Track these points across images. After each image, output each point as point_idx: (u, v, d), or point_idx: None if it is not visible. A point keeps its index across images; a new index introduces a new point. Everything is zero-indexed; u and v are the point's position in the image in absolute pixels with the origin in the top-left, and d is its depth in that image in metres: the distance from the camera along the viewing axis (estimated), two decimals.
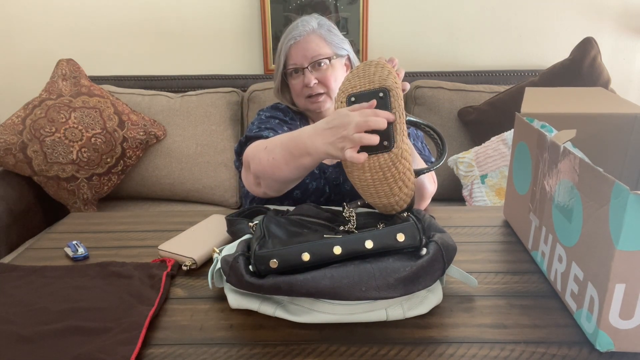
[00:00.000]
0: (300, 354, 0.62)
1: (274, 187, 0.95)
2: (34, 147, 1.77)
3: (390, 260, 0.66)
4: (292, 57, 1.13)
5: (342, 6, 2.01)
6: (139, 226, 1.00)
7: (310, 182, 1.10)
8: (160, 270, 0.79)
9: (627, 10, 2.02)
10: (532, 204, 0.83)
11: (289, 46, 1.13)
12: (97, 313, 0.68)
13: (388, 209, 0.81)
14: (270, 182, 0.94)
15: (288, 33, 1.14)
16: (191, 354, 0.62)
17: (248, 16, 2.06)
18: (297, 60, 1.13)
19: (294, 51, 1.12)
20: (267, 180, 0.94)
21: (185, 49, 2.12)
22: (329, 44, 1.13)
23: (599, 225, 0.59)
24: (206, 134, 1.93)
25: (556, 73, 1.78)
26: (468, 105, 1.90)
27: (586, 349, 0.62)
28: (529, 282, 0.77)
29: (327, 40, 1.13)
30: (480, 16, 2.04)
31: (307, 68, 1.12)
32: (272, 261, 0.66)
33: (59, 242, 0.93)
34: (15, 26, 2.09)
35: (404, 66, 2.09)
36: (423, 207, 1.06)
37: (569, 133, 0.78)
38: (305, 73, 1.12)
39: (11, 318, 0.67)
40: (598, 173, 0.60)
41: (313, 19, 1.15)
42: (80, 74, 1.91)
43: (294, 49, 1.12)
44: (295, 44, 1.12)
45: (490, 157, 1.69)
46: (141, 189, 1.96)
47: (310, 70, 1.12)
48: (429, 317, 0.68)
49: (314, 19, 1.15)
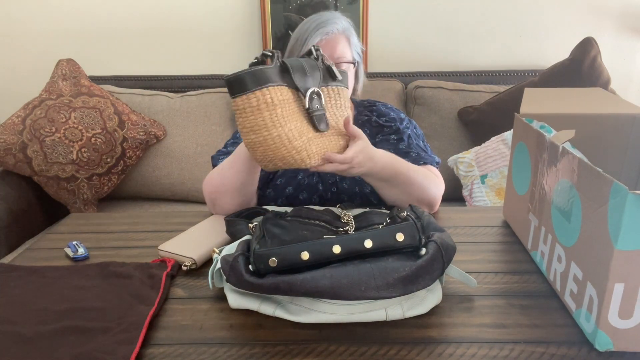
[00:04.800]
0: (300, 354, 0.62)
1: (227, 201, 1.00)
2: (34, 147, 1.77)
3: (389, 260, 0.67)
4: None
5: (342, 6, 2.01)
6: (139, 226, 1.00)
7: (303, 177, 1.10)
8: (160, 271, 0.79)
9: (627, 10, 2.02)
10: (532, 204, 0.83)
11: (319, 40, 1.09)
12: (97, 313, 0.68)
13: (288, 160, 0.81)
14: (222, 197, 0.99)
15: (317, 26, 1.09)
16: (191, 354, 0.62)
17: (248, 16, 2.06)
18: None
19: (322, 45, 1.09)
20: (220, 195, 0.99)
21: (185, 49, 2.12)
22: (351, 49, 1.12)
23: (598, 225, 0.60)
24: (206, 134, 1.93)
25: (556, 73, 1.78)
26: (468, 105, 1.90)
27: (585, 349, 0.62)
28: (529, 282, 0.77)
29: (350, 44, 1.12)
30: (480, 16, 2.04)
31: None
32: (272, 260, 0.66)
33: (59, 242, 0.93)
34: (15, 26, 2.09)
35: (404, 66, 2.10)
36: (433, 212, 1.05)
37: (568, 133, 0.78)
38: None
39: (11, 318, 0.68)
40: (597, 173, 0.60)
41: (343, 19, 1.13)
42: (80, 74, 1.91)
43: (322, 44, 1.09)
44: (326, 40, 1.09)
45: (490, 157, 1.69)
46: (141, 189, 1.96)
47: None
48: (429, 317, 0.68)
49: (343, 19, 1.13)
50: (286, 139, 0.77)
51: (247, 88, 0.74)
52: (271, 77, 0.76)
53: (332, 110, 0.89)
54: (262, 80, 0.75)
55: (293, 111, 0.80)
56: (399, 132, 1.13)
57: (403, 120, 1.17)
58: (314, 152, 0.81)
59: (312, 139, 0.81)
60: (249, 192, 1.01)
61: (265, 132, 0.76)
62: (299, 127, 0.79)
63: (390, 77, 2.04)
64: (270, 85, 0.75)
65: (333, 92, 0.89)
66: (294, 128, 0.78)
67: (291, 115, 0.79)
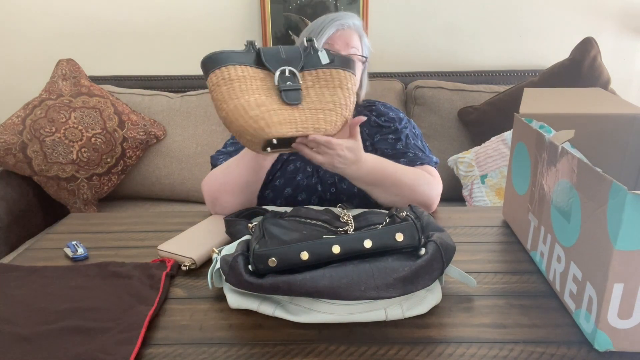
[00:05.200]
0: (300, 354, 0.62)
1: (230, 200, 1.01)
2: (34, 147, 1.77)
3: (389, 260, 0.67)
4: (332, 42, 1.12)
5: (342, 6, 2.01)
6: (139, 226, 1.00)
7: (302, 178, 1.10)
8: (160, 270, 0.79)
9: (627, 10, 2.02)
10: (531, 204, 0.83)
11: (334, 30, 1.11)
12: (96, 313, 0.69)
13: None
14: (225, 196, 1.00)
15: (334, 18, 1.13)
16: (191, 354, 0.62)
17: (248, 16, 2.06)
18: (338, 44, 1.12)
19: (336, 37, 1.12)
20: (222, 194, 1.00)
21: (185, 49, 2.12)
22: (362, 46, 1.15)
23: (598, 225, 0.60)
24: (206, 134, 1.93)
25: (556, 73, 1.78)
26: (468, 105, 1.90)
27: (585, 349, 0.62)
28: (528, 282, 0.77)
29: (362, 42, 1.15)
30: (480, 16, 2.04)
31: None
32: (271, 260, 0.66)
33: (58, 242, 0.93)
34: (15, 26, 2.09)
35: (404, 66, 2.10)
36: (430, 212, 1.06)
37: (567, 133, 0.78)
38: None
39: (11, 318, 0.68)
40: (596, 173, 0.60)
41: (356, 17, 1.16)
42: (80, 74, 1.91)
43: (338, 34, 1.11)
44: (342, 31, 1.11)
45: (490, 157, 1.69)
46: (141, 189, 1.96)
47: None
48: (428, 317, 0.68)
49: (356, 18, 1.16)
50: (242, 109, 0.80)
51: (209, 68, 0.83)
52: (233, 58, 0.83)
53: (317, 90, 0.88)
54: (221, 61, 0.83)
55: (257, 87, 0.83)
56: (397, 132, 1.13)
57: (402, 120, 1.17)
58: (274, 122, 0.80)
59: (275, 110, 0.82)
60: (251, 192, 1.01)
61: (225, 105, 0.81)
62: (260, 99, 0.82)
63: (390, 77, 2.04)
64: (229, 64, 0.83)
65: (324, 73, 0.89)
66: (252, 100, 0.81)
67: (253, 90, 0.82)
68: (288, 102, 0.83)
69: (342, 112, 0.87)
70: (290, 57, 0.87)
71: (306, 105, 0.85)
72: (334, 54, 0.90)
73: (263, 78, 0.84)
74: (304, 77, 0.87)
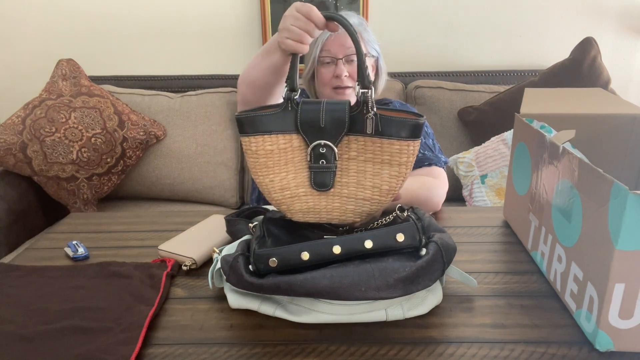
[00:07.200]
0: (300, 354, 0.62)
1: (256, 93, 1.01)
2: (34, 147, 1.77)
3: (389, 261, 0.66)
4: (328, 46, 1.14)
5: (342, 6, 2.01)
6: (139, 226, 1.00)
7: None
8: (160, 270, 0.79)
9: (627, 10, 2.02)
10: (532, 204, 0.83)
11: (327, 36, 1.14)
12: (97, 313, 0.68)
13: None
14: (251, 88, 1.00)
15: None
16: (191, 354, 0.62)
17: (248, 16, 2.06)
18: (333, 50, 1.14)
19: (331, 41, 1.14)
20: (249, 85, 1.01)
21: (185, 49, 2.12)
22: (364, 42, 1.15)
23: (598, 225, 0.60)
24: (206, 134, 1.93)
25: (556, 73, 1.78)
26: (468, 105, 1.91)
27: (586, 349, 0.62)
28: (529, 282, 0.77)
29: (363, 38, 1.15)
30: (480, 16, 2.04)
31: (341, 59, 1.13)
32: (272, 260, 0.66)
33: (59, 242, 0.93)
34: (15, 26, 2.09)
35: (404, 66, 2.10)
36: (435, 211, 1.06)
37: (568, 133, 0.78)
38: (339, 64, 1.14)
39: (11, 318, 0.68)
40: (597, 173, 0.60)
41: (354, 16, 1.18)
42: (80, 74, 1.91)
43: (332, 40, 1.14)
44: (336, 35, 1.13)
45: (490, 157, 1.69)
46: (141, 189, 1.96)
47: (343, 63, 1.13)
48: (429, 317, 0.68)
49: (354, 16, 1.18)
50: (265, 189, 0.76)
51: (241, 131, 0.74)
52: (265, 123, 0.73)
53: (360, 164, 0.75)
54: (250, 126, 0.73)
55: (287, 161, 0.75)
56: None
57: None
58: (296, 210, 0.76)
59: (300, 197, 0.76)
60: (270, 93, 1.01)
61: (253, 175, 0.76)
62: (286, 180, 0.75)
63: (390, 77, 2.04)
64: (259, 134, 0.73)
65: (372, 143, 0.74)
66: (277, 180, 0.75)
67: (281, 166, 0.75)
68: (316, 188, 0.75)
69: (379, 201, 0.75)
70: (332, 124, 0.73)
71: (338, 188, 0.76)
72: (391, 117, 0.71)
73: (297, 147, 0.75)
74: (349, 144, 0.74)
